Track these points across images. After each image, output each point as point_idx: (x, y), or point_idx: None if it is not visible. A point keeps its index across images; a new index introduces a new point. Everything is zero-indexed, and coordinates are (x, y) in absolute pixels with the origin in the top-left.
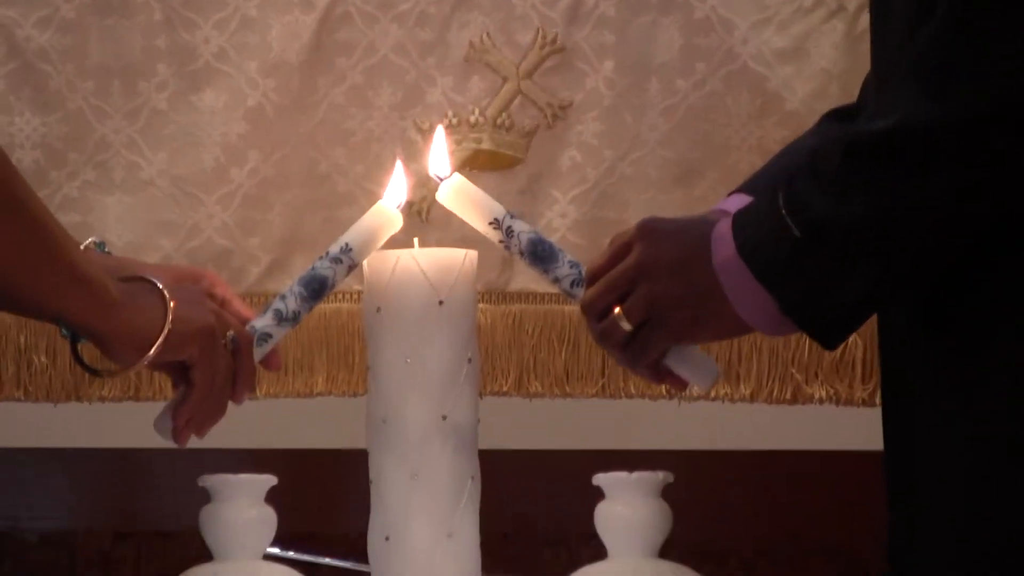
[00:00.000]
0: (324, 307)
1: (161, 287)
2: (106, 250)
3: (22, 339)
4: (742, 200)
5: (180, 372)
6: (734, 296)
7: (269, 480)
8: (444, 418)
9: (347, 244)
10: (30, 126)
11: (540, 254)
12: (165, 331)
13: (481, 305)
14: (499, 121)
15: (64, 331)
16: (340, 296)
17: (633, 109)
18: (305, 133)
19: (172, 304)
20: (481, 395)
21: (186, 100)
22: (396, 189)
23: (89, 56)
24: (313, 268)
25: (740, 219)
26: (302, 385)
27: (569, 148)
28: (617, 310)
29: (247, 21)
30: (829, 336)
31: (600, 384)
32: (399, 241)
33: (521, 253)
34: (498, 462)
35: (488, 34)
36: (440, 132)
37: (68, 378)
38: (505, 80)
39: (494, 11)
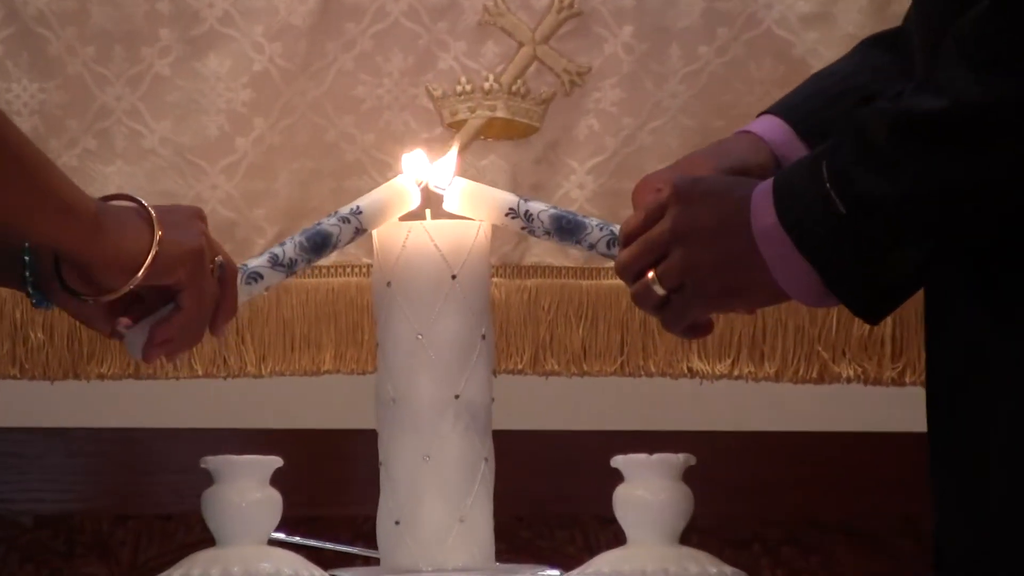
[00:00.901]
0: (332, 281)
1: (148, 208)
2: None
3: (18, 314)
4: (771, 123)
5: (165, 297)
6: (774, 265)
7: (274, 461)
8: (457, 397)
9: (358, 207)
10: (28, 92)
11: (566, 227)
12: (152, 253)
13: (495, 279)
14: (514, 88)
15: (32, 294)
16: (349, 270)
17: (653, 76)
18: (312, 100)
19: (159, 227)
20: (495, 373)
21: (190, 66)
22: (419, 167)
23: (89, 20)
24: (319, 223)
25: (781, 187)
26: (309, 362)
27: (587, 116)
28: (651, 274)
29: None
30: (872, 313)
31: (619, 362)
32: (411, 212)
33: (547, 233)
34: (512, 443)
35: None
36: (420, 153)
37: (66, 355)
38: (520, 45)
39: None
